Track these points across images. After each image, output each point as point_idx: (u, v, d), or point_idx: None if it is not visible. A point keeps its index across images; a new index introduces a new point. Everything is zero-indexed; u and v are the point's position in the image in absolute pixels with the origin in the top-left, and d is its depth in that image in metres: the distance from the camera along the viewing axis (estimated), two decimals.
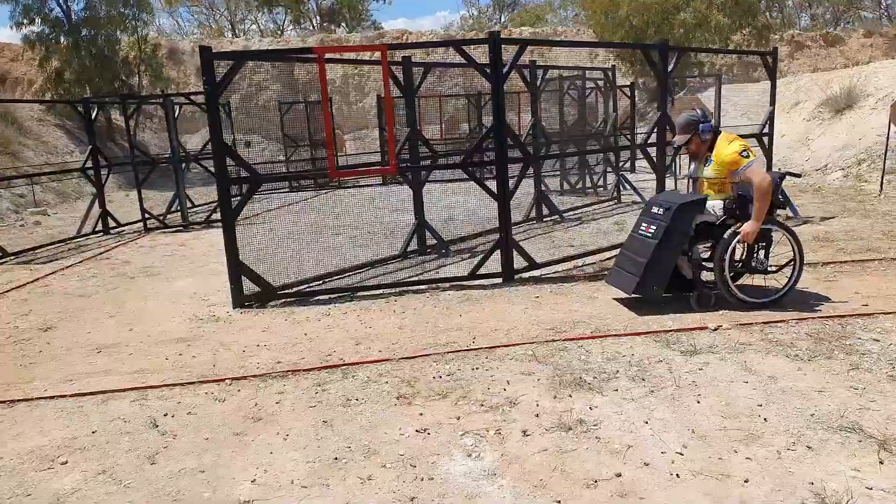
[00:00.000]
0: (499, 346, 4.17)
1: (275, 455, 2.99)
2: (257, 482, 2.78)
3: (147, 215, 10.40)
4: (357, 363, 4.04)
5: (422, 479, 2.70)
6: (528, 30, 30.64)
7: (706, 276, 4.77)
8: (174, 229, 10.22)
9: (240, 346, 4.55)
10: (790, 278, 4.68)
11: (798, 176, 6.51)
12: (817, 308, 4.62)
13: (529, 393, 3.45)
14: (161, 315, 5.50)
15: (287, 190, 13.93)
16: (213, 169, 5.71)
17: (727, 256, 4.52)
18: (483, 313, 4.98)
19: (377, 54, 7.34)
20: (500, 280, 5.83)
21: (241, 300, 5.59)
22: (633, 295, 4.80)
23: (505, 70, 5.61)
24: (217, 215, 10.08)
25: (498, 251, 5.92)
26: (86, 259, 8.17)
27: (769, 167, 8.17)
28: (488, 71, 5.63)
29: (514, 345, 4.19)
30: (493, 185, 5.92)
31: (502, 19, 49.54)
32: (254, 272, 5.63)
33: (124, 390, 3.88)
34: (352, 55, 19.83)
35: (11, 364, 4.49)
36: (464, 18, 51.65)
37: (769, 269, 4.72)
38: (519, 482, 2.64)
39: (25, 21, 18.45)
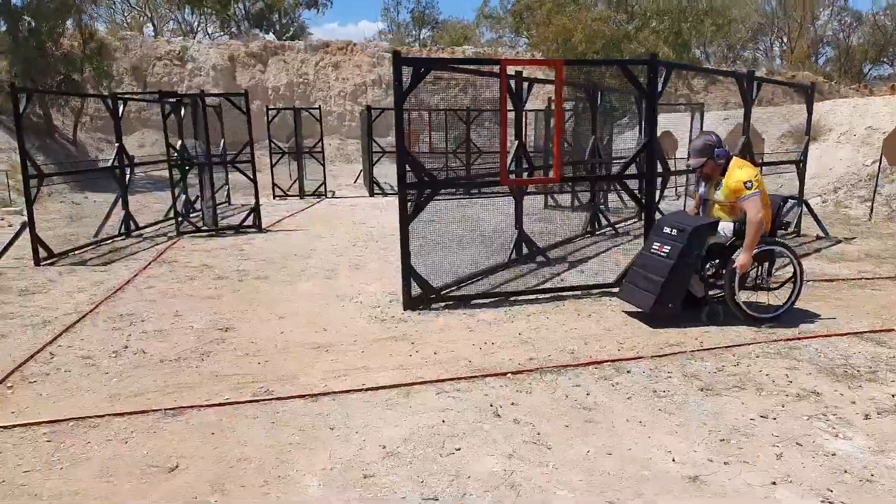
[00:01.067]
0: (740, 346, 4.62)
1: (655, 437, 3.26)
2: (676, 461, 3.05)
3: (178, 218, 9.94)
4: (620, 359, 4.34)
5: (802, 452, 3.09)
6: (505, 50, 31.44)
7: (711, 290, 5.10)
8: (207, 234, 9.84)
9: (466, 344, 4.70)
10: (791, 295, 5.11)
11: (797, 199, 7.19)
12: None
13: (809, 382, 3.92)
14: (337, 317, 5.48)
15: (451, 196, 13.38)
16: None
17: (737, 276, 4.85)
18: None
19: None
20: None
21: (411, 303, 5.68)
22: (648, 311, 5.03)
23: (659, 90, 6.07)
24: (248, 220, 9.95)
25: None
26: (152, 261, 7.77)
27: (801, 191, 9.19)
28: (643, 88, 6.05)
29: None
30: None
31: (421, 35, 50.41)
32: (420, 276, 5.74)
33: (422, 383, 3.96)
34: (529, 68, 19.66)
35: (250, 363, 4.38)
36: (382, 32, 52.13)
37: (771, 286, 5.16)
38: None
39: None
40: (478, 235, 8.39)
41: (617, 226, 9.61)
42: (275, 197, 15.18)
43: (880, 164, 10.40)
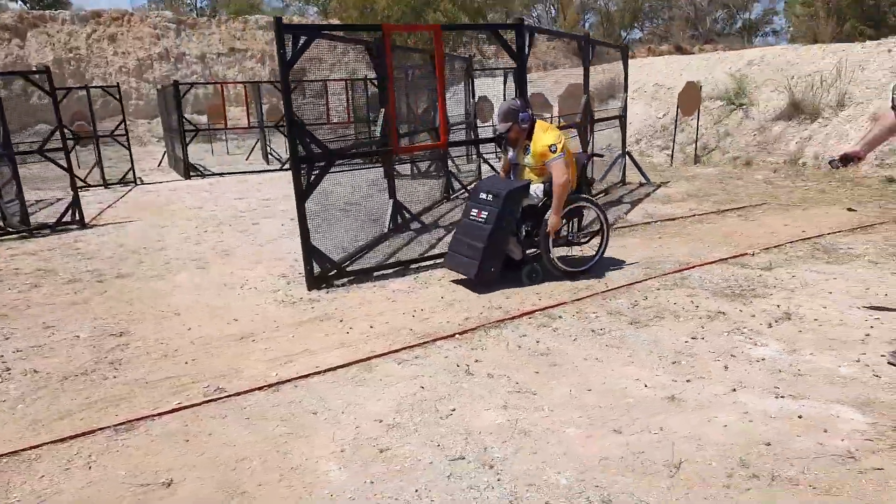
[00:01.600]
0: (640, 282, 5.17)
1: (617, 369, 3.63)
2: (648, 386, 3.42)
3: None
4: (547, 307, 4.65)
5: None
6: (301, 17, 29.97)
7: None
8: (18, 236, 8.51)
9: (396, 314, 4.72)
10: (599, 247, 5.47)
11: (601, 156, 8.18)
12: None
13: (711, 305, 4.57)
14: (239, 306, 5.15)
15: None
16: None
17: (550, 237, 5.11)
18: None
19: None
20: None
21: (315, 282, 5.50)
22: (472, 278, 5.13)
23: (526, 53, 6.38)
24: (67, 216, 8.86)
25: None
26: None
27: (623, 144, 10.29)
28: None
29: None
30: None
31: (199, 3, 46.87)
32: (324, 253, 5.58)
33: (378, 356, 3.94)
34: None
35: (175, 365, 4.00)
36: (151, 1, 47.54)
37: (581, 240, 5.55)
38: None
39: None
40: (351, 208, 8.26)
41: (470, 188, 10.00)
42: (74, 189, 13.44)
43: (677, 116, 11.95)
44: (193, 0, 46.83)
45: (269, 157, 17.95)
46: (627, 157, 10.33)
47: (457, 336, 4.22)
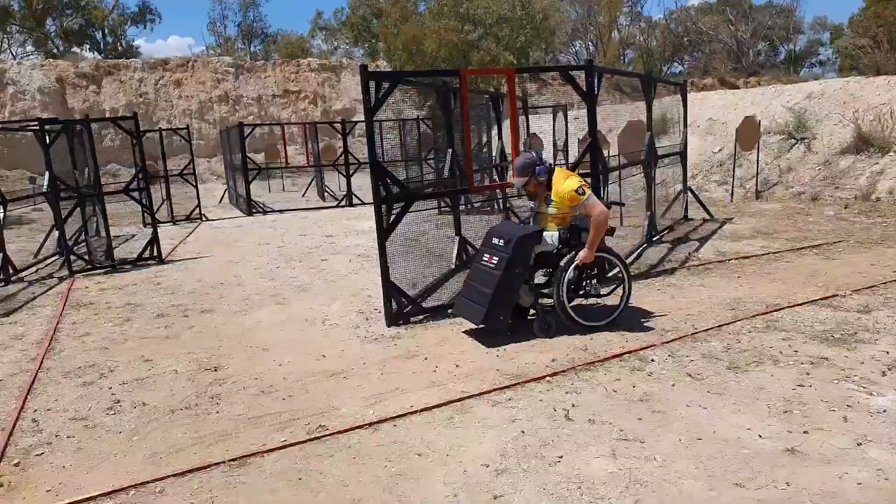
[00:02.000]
0: (728, 324, 5.10)
1: (725, 417, 3.57)
2: (763, 436, 3.36)
3: (70, 256, 8.86)
4: (635, 350, 4.63)
5: None
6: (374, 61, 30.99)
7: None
8: (103, 271, 8.88)
9: (480, 353, 4.75)
10: (621, 301, 5.19)
11: (622, 205, 7.77)
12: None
13: (811, 349, 4.48)
14: (324, 342, 5.26)
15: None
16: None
17: (564, 283, 4.89)
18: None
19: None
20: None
21: (393, 318, 5.59)
22: (478, 324, 4.99)
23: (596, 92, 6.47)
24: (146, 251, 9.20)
25: None
26: (63, 306, 6.90)
27: (685, 179, 10.23)
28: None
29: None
30: None
31: (252, 47, 48.79)
32: (402, 290, 5.68)
33: (470, 398, 3.96)
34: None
35: (273, 401, 4.10)
36: (211, 48, 49.65)
37: (601, 293, 5.23)
38: None
39: None
40: (415, 245, 8.39)
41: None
42: (145, 225, 13.98)
43: (735, 150, 11.84)
44: (247, 45, 48.86)
45: (325, 194, 18.35)
46: (689, 192, 10.25)
47: (548, 378, 4.22)
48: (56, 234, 10.62)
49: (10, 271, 8.70)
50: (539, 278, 5.15)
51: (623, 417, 3.61)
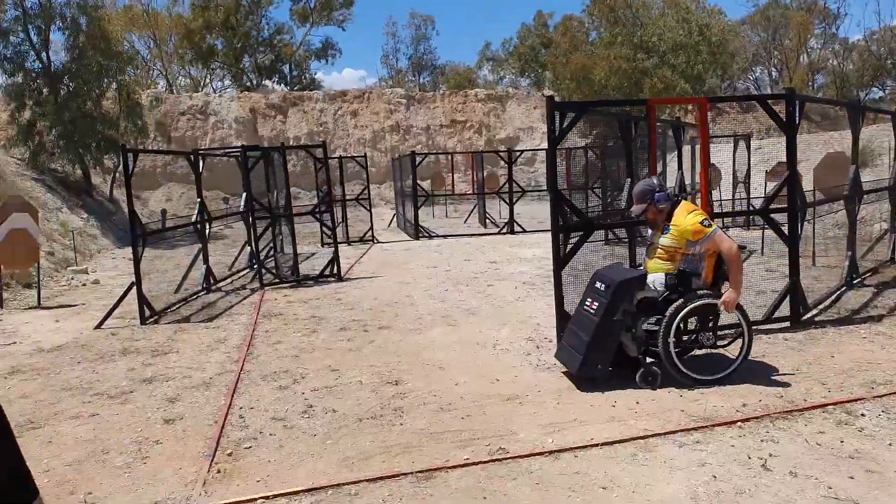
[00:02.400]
0: None
1: None
2: None
3: (261, 270, 9.77)
4: (841, 402, 4.22)
5: None
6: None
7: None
8: (289, 285, 9.68)
9: (661, 391, 4.55)
10: (740, 354, 4.70)
11: (743, 248, 6.72)
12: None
13: None
14: (497, 366, 5.33)
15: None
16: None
17: (672, 332, 4.50)
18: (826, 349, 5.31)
19: None
20: (787, 324, 6.15)
21: None
22: (575, 373, 4.74)
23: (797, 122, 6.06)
24: (327, 269, 9.81)
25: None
26: (257, 315, 7.60)
27: (893, 216, 9.19)
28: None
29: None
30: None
31: (421, 80, 51.17)
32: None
33: (654, 436, 3.81)
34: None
35: (453, 419, 4.21)
36: (383, 80, 52.84)
37: (717, 344, 4.74)
38: None
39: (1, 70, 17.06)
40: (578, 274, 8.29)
41: None
42: (323, 245, 15.06)
43: None
44: (417, 76, 51.39)
45: (486, 220, 18.67)
46: None
47: (739, 424, 3.95)
48: (248, 249, 11.80)
49: (212, 281, 9.75)
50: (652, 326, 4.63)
51: (831, 473, 3.29)
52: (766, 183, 11.80)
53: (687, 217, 4.68)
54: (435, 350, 5.89)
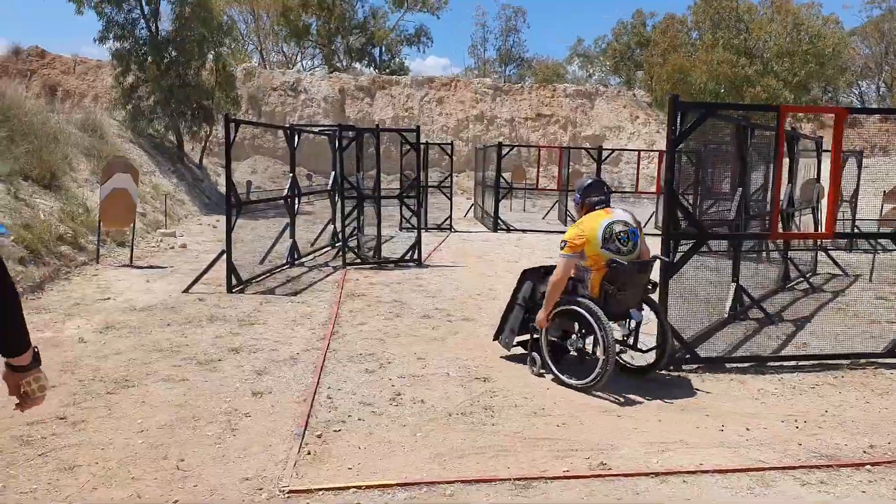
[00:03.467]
0: None
1: None
2: None
3: (346, 250, 9.76)
4: None
5: None
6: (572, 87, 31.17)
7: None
8: (370, 266, 9.64)
9: (773, 420, 4.19)
10: (599, 365, 4.48)
11: (664, 259, 5.77)
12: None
13: None
14: None
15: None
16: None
17: (544, 334, 4.76)
18: None
19: None
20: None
21: (665, 364, 5.21)
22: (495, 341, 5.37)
23: None
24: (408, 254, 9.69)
25: None
26: (341, 294, 7.57)
27: None
28: None
29: None
30: None
31: (507, 72, 50.62)
32: (678, 334, 5.27)
33: (772, 469, 3.48)
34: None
35: (547, 425, 3.99)
36: (468, 69, 52.58)
37: (580, 350, 4.77)
38: None
39: (111, 35, 17.75)
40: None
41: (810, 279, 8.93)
42: (401, 229, 15.03)
43: None
44: (504, 68, 50.88)
45: (567, 218, 18.23)
46: None
47: (868, 467, 3.56)
48: (331, 227, 11.86)
49: (296, 256, 9.82)
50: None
51: None
52: (882, 204, 10.96)
53: (571, 227, 4.81)
54: (521, 349, 5.66)
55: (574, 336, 4.74)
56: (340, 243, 10.01)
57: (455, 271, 9.55)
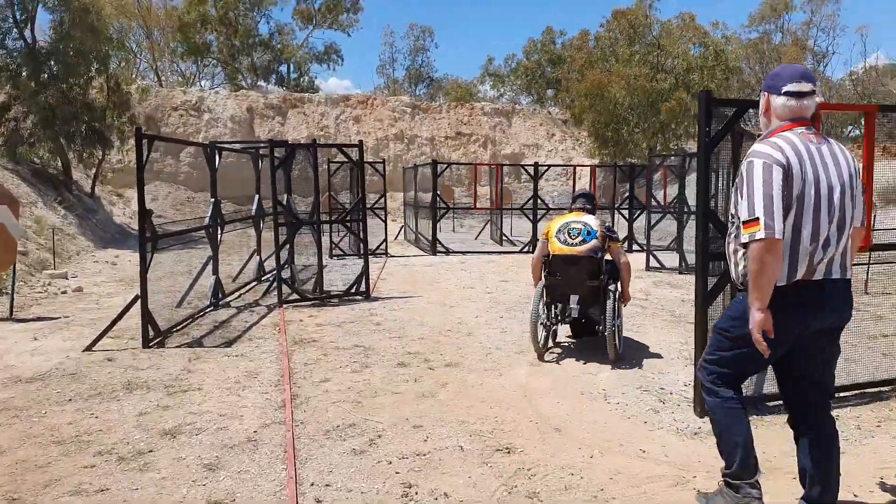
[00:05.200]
0: None
1: None
2: None
3: (281, 286, 8.42)
4: None
5: None
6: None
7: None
8: (311, 303, 8.34)
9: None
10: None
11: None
12: None
13: None
14: (624, 430, 4.10)
15: None
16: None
17: (538, 305, 5.64)
18: None
19: None
20: None
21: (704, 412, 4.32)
22: None
23: None
24: (354, 286, 8.53)
25: None
26: (286, 342, 6.29)
27: None
28: None
29: None
30: None
31: (417, 91, 50.09)
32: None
33: None
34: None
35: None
36: (378, 89, 51.62)
37: (560, 321, 5.86)
38: None
39: None
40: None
41: None
42: (332, 256, 13.73)
43: None
44: (413, 88, 50.31)
45: (503, 238, 17.50)
46: None
47: None
48: (256, 259, 10.45)
49: (220, 295, 8.40)
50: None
51: None
52: None
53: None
54: (535, 400, 4.64)
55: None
56: (272, 278, 8.67)
57: (411, 303, 8.42)
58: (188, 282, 8.20)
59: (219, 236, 8.51)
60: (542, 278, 5.66)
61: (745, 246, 2.57)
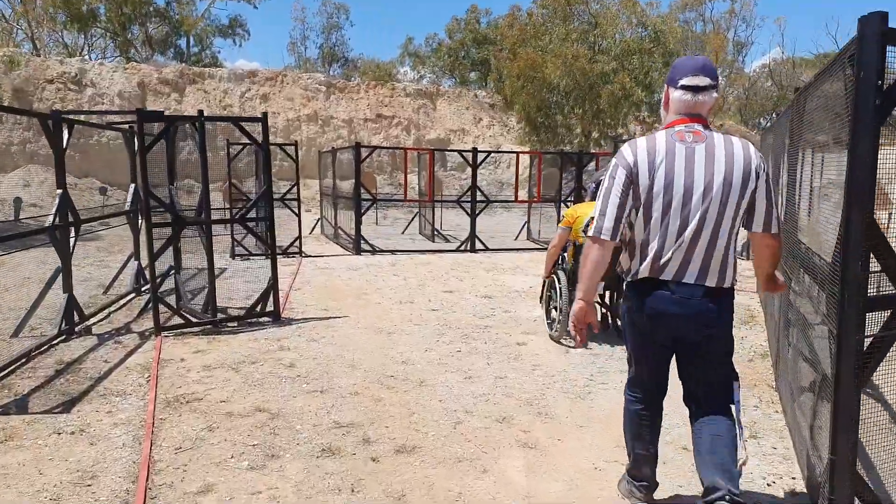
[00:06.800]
0: None
1: None
2: None
3: (157, 308, 6.24)
4: None
5: None
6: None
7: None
8: (200, 330, 6.23)
9: None
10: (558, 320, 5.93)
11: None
12: None
13: None
14: None
15: None
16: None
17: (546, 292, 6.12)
18: None
19: None
20: None
21: None
22: None
23: None
24: (260, 305, 6.54)
25: None
26: (161, 402, 4.22)
27: None
28: None
29: None
30: None
31: (331, 71, 47.40)
32: None
33: None
34: None
35: None
36: (289, 67, 48.48)
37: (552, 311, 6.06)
38: None
39: None
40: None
41: None
42: (233, 257, 11.49)
43: None
44: (328, 68, 47.53)
45: (435, 233, 15.69)
46: None
47: None
48: (135, 265, 8.19)
49: (77, 319, 6.16)
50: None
51: None
52: None
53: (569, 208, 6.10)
54: None
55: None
56: (148, 294, 6.49)
57: (335, 329, 6.44)
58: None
59: (71, 241, 6.23)
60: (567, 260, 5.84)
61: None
